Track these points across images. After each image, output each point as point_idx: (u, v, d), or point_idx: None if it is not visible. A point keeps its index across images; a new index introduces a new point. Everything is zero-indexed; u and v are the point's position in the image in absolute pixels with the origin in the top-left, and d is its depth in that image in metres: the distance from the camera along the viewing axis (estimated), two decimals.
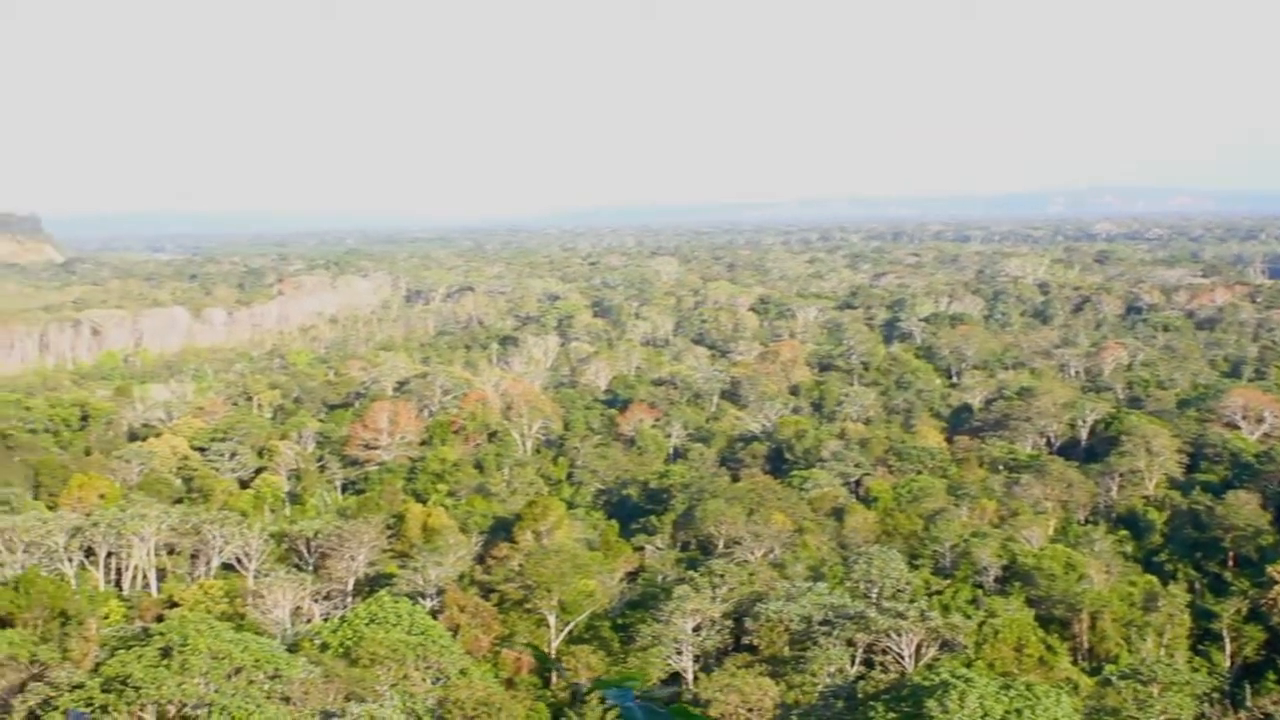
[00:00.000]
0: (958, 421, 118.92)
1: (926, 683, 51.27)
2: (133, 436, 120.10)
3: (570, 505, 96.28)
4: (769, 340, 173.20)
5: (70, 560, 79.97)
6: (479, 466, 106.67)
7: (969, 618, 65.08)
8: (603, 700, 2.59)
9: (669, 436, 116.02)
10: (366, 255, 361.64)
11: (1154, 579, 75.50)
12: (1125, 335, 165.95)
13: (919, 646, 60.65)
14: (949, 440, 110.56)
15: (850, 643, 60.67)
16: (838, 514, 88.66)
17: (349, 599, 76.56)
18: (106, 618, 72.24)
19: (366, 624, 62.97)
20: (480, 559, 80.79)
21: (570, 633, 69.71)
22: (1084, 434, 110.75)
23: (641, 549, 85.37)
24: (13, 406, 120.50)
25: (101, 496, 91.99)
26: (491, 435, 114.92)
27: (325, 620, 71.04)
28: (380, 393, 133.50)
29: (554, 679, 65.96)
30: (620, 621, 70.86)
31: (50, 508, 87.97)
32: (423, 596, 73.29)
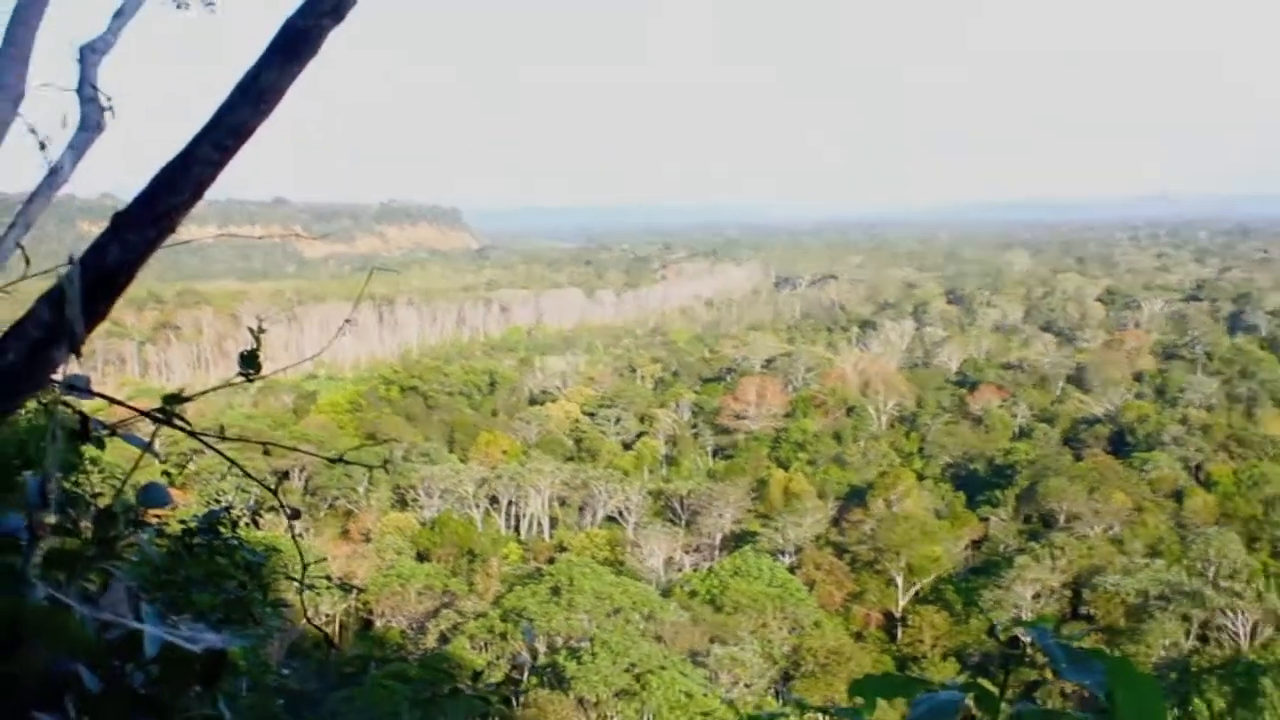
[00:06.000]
0: None
1: (1262, 661, 48.18)
2: (532, 401, 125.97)
3: (920, 477, 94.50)
4: (1114, 329, 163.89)
5: (477, 506, 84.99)
6: (837, 438, 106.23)
7: None
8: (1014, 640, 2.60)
9: (1015, 417, 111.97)
10: (741, 245, 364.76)
11: None
12: None
13: (1254, 626, 57.02)
14: None
15: (1185, 618, 57.80)
16: (1177, 496, 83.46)
17: (716, 553, 78.09)
18: (506, 558, 76.37)
19: (731, 576, 64.19)
20: (835, 522, 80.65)
21: (916, 594, 68.90)
22: None
23: (986, 520, 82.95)
24: (434, 372, 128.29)
25: (504, 452, 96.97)
26: (849, 410, 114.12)
27: (694, 571, 72.78)
28: (749, 369, 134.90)
29: (899, 634, 65.54)
30: (963, 585, 69.34)
31: (462, 460, 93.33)
32: (782, 554, 73.99)
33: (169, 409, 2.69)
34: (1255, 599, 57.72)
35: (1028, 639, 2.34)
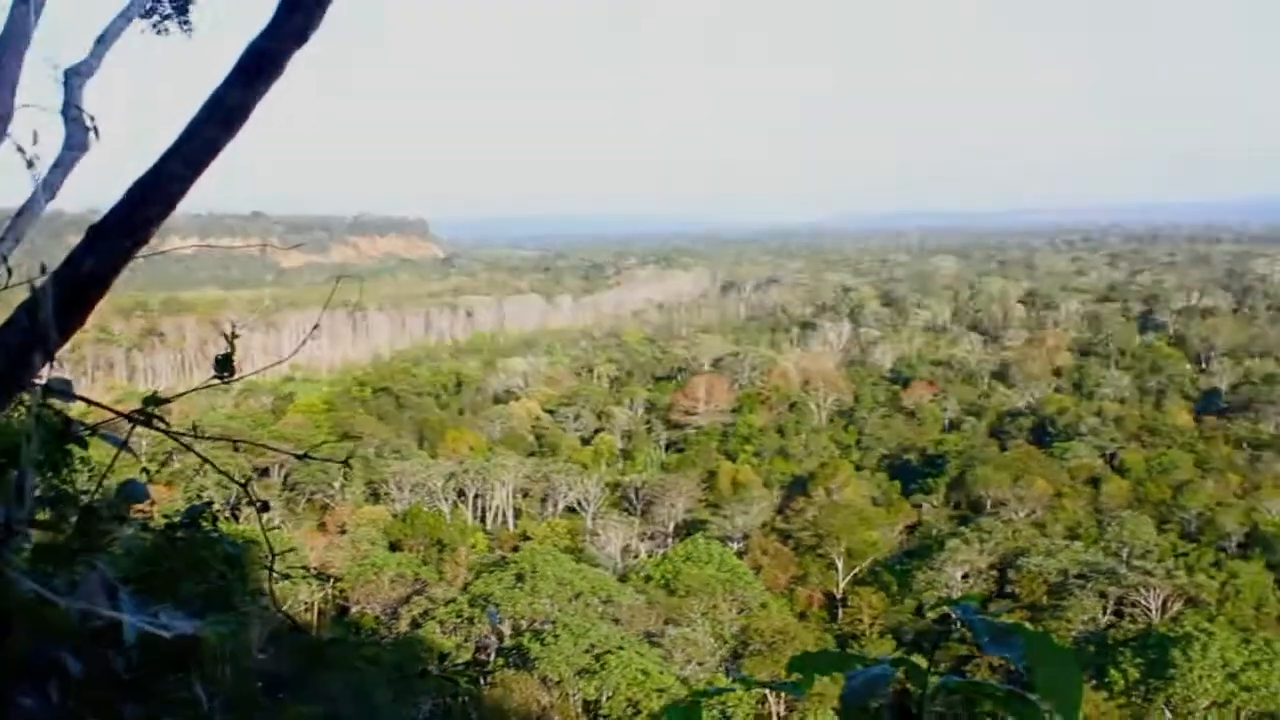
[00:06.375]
0: (1206, 403, 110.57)
1: (1171, 634, 49.14)
2: (496, 400, 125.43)
3: (858, 467, 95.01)
4: (1035, 328, 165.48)
5: (446, 499, 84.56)
6: (780, 432, 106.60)
7: (1212, 578, 61.99)
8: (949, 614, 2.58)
9: (945, 410, 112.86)
10: (690, 252, 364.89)
11: None
12: None
13: (1165, 601, 58.15)
14: (1197, 420, 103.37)
15: (1102, 595, 58.93)
16: (1093, 482, 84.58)
17: (669, 540, 78.09)
18: (473, 547, 75.94)
19: (683, 561, 64.24)
20: (780, 510, 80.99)
21: (855, 576, 69.33)
22: None
23: (919, 506, 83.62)
24: (403, 374, 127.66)
25: (471, 448, 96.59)
26: (792, 405, 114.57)
27: (649, 557, 72.78)
28: (699, 368, 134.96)
29: (840, 614, 65.90)
30: (899, 568, 69.83)
31: (431, 456, 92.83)
32: (730, 540, 74.12)
33: (147, 410, 2.65)
34: (1165, 577, 58.81)
35: (956, 616, 2.34)
